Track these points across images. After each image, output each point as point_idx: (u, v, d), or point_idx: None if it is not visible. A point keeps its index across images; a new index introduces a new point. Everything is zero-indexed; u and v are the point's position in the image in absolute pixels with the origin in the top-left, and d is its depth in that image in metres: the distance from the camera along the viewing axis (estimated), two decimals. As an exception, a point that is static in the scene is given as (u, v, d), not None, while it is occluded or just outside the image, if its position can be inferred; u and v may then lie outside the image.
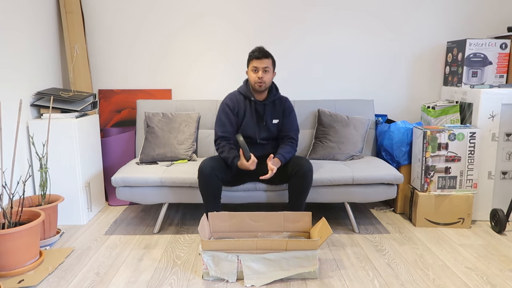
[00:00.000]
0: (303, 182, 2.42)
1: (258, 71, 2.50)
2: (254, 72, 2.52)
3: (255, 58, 2.50)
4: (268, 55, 2.52)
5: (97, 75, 3.34)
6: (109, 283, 2.04)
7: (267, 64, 2.50)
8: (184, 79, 3.37)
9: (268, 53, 2.52)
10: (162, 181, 2.57)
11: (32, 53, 2.79)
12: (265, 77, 2.51)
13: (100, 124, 3.26)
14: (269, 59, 2.52)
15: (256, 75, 2.51)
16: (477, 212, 2.85)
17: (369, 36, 3.33)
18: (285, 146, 2.58)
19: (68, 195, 2.76)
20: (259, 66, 2.49)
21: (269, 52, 2.53)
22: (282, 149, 2.57)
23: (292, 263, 2.04)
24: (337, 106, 3.13)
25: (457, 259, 2.30)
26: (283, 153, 2.53)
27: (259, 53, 2.49)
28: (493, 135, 2.75)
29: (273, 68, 2.57)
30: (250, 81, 2.57)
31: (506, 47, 2.98)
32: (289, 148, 2.58)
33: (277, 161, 2.49)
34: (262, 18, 3.29)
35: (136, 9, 3.26)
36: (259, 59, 2.49)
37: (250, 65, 2.53)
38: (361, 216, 2.97)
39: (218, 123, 2.61)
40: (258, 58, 2.49)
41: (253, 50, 2.53)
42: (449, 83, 3.26)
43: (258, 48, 2.53)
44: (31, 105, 2.76)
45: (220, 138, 2.57)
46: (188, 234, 2.66)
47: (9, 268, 2.07)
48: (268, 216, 2.36)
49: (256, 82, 2.52)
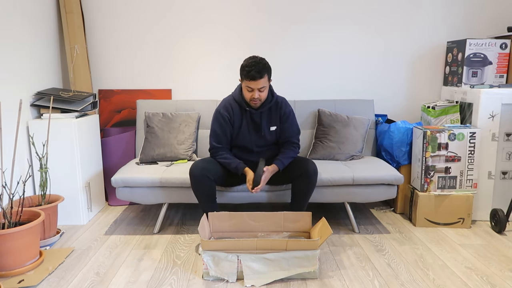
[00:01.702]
0: (307, 184, 2.41)
1: (253, 91, 2.34)
2: (249, 92, 2.36)
3: (250, 79, 2.29)
4: (264, 73, 2.29)
5: (97, 75, 3.35)
6: (109, 283, 2.04)
7: (262, 84, 2.32)
8: (184, 79, 3.37)
9: (263, 70, 2.29)
10: (162, 181, 2.57)
11: (32, 53, 2.79)
12: (261, 96, 2.37)
13: (100, 124, 3.26)
14: (265, 77, 2.31)
15: (251, 95, 2.36)
16: (477, 212, 2.85)
17: (369, 36, 3.33)
18: (286, 151, 2.52)
19: (68, 195, 2.76)
20: (254, 88, 2.33)
21: (264, 65, 2.31)
22: (282, 154, 2.50)
23: (292, 263, 2.04)
24: (337, 106, 3.13)
25: (457, 259, 2.30)
26: (281, 159, 2.46)
27: (255, 74, 2.27)
28: (493, 135, 2.75)
29: (269, 81, 2.39)
30: (245, 97, 2.42)
31: (506, 47, 2.98)
32: (289, 153, 2.51)
33: (274, 168, 2.43)
34: (262, 18, 3.29)
35: (136, 9, 3.26)
36: (255, 80, 2.29)
37: (245, 83, 2.35)
38: (361, 216, 2.97)
39: (212, 134, 2.51)
40: (254, 79, 2.28)
41: (247, 67, 2.29)
42: (449, 83, 3.26)
43: (253, 64, 2.28)
44: (31, 105, 2.76)
45: (215, 148, 2.51)
46: (188, 234, 2.66)
47: (9, 268, 2.07)
48: (268, 216, 2.36)
49: (252, 101, 2.39)
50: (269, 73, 2.37)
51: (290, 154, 2.51)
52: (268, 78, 2.37)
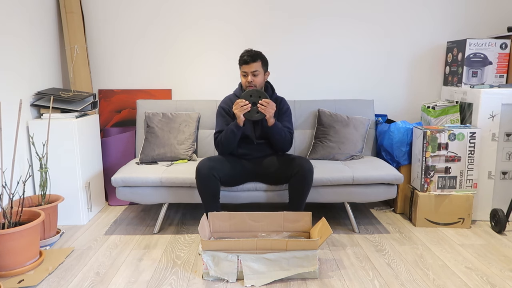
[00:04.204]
0: (303, 182, 2.42)
1: (247, 75, 2.50)
2: (244, 76, 2.52)
3: (243, 63, 2.49)
4: (256, 58, 2.49)
5: (97, 75, 3.35)
6: (109, 283, 2.04)
7: (255, 68, 2.48)
8: (184, 79, 3.37)
9: (256, 56, 2.49)
10: (162, 181, 2.57)
11: (32, 53, 2.79)
12: (255, 80, 2.50)
13: (100, 124, 3.26)
14: (258, 62, 2.49)
15: (246, 80, 2.51)
16: (477, 212, 2.85)
17: (369, 36, 3.33)
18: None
19: (68, 195, 2.76)
20: (247, 71, 2.49)
21: (258, 53, 2.51)
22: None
23: (292, 263, 2.04)
24: (337, 106, 3.13)
25: (457, 259, 2.30)
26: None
27: (247, 58, 2.47)
28: (493, 135, 2.75)
29: (264, 69, 2.55)
30: (242, 85, 2.59)
31: (506, 47, 2.98)
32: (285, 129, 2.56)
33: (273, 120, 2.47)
34: (262, 18, 3.29)
35: (136, 9, 3.26)
36: (247, 63, 2.48)
37: (241, 70, 2.53)
38: (361, 216, 2.97)
39: (216, 127, 2.63)
40: (246, 63, 2.48)
41: (242, 54, 2.51)
42: (449, 83, 3.26)
43: (246, 52, 2.50)
44: (31, 105, 2.76)
45: (217, 133, 2.59)
46: (188, 234, 2.66)
47: (9, 268, 2.07)
48: (268, 216, 2.36)
49: (247, 86, 2.52)
50: (263, 61, 2.53)
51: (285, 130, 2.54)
52: (262, 65, 2.52)
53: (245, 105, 2.39)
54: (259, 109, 2.40)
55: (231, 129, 2.47)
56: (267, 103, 2.39)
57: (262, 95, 2.43)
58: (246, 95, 2.44)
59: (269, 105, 2.40)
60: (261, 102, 2.39)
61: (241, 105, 2.39)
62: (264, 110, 2.39)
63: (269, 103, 2.40)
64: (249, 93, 2.44)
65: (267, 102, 2.39)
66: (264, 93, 2.45)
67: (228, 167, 2.49)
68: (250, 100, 2.42)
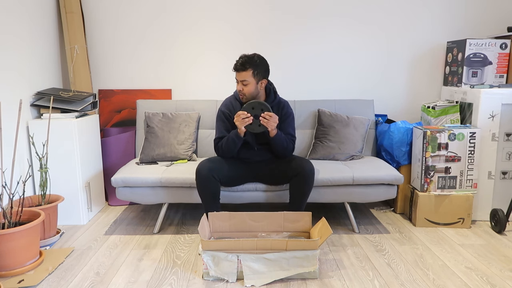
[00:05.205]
0: (304, 183, 2.41)
1: (238, 83, 2.46)
2: (237, 83, 2.47)
3: (234, 70, 2.43)
4: (247, 67, 2.38)
5: (97, 75, 3.35)
6: (109, 283, 2.04)
7: (244, 77, 2.40)
8: (184, 79, 3.37)
9: (246, 64, 2.38)
10: (162, 181, 2.57)
11: (32, 53, 2.79)
12: (244, 89, 2.44)
13: (100, 124, 3.26)
14: (248, 71, 2.38)
15: (237, 87, 2.47)
16: (477, 212, 2.85)
17: (369, 36, 3.33)
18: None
19: (68, 195, 2.76)
20: (237, 79, 2.45)
21: (251, 61, 2.39)
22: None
23: (292, 263, 2.04)
24: (337, 106, 3.13)
25: (457, 259, 2.30)
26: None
27: (238, 65, 2.40)
28: (493, 135, 2.75)
29: (257, 78, 2.43)
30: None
31: (506, 47, 2.98)
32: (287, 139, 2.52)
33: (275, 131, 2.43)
34: (262, 18, 3.29)
35: (136, 9, 3.26)
36: (238, 71, 2.42)
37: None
38: (361, 216, 2.97)
39: (216, 131, 2.59)
40: (237, 70, 2.42)
41: (236, 61, 2.44)
42: (449, 83, 3.26)
43: (240, 58, 2.42)
44: (31, 105, 2.76)
45: (217, 139, 2.55)
46: (188, 234, 2.66)
47: (9, 268, 2.07)
48: (268, 216, 2.36)
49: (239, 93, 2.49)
50: (256, 69, 2.41)
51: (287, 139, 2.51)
52: (253, 74, 2.41)
53: (246, 117, 2.33)
54: (261, 122, 2.34)
55: (232, 138, 2.44)
56: (270, 116, 2.33)
57: (264, 108, 2.35)
58: (248, 107, 2.35)
59: (272, 119, 2.33)
60: (264, 115, 2.33)
61: (242, 117, 2.33)
62: (267, 124, 2.34)
63: (271, 116, 2.33)
64: (251, 105, 2.35)
65: (270, 116, 2.33)
66: (267, 106, 2.35)
67: (228, 168, 2.49)
68: (252, 113, 2.34)
